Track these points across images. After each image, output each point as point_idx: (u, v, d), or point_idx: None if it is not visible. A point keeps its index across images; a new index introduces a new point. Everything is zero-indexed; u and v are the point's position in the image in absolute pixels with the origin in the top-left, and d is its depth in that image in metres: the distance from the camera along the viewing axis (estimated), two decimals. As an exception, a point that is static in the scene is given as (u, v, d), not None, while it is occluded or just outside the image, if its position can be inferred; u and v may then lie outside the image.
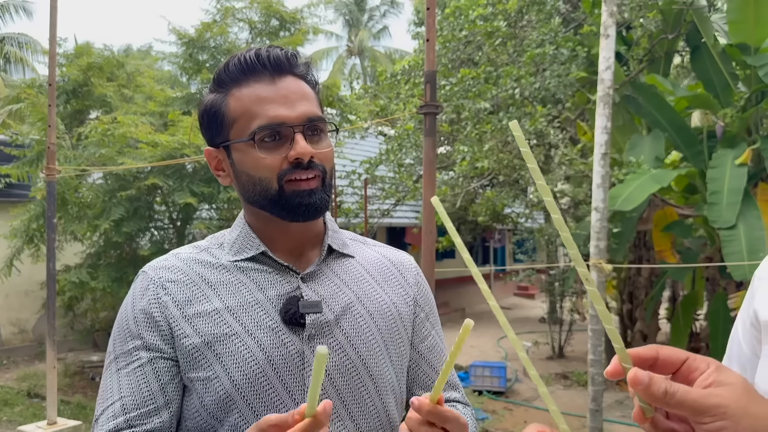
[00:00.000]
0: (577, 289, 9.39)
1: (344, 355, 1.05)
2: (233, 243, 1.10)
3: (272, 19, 8.37)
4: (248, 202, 1.08)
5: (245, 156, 1.03)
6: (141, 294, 1.05)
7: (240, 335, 1.00)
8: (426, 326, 1.19)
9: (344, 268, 1.13)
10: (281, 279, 1.06)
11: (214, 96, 1.07)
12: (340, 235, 1.17)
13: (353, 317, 1.07)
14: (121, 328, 1.05)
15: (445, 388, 1.18)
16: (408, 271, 1.21)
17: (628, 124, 7.91)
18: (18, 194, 8.95)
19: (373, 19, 28.86)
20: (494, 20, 7.82)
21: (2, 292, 8.62)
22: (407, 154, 8.54)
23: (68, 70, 8.21)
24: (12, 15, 22.65)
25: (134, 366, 1.00)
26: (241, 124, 1.03)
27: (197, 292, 1.04)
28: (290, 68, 1.06)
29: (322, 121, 1.05)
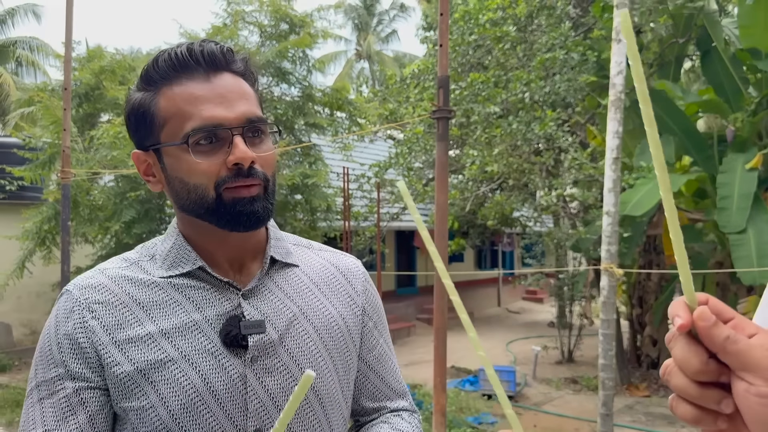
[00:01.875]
0: (586, 294, 9.38)
1: (289, 375, 0.98)
2: (166, 256, 1.00)
3: (282, 22, 8.41)
4: (182, 210, 0.98)
5: (178, 161, 0.94)
6: (65, 317, 0.95)
7: (176, 361, 0.93)
8: (374, 335, 1.13)
9: (288, 279, 1.05)
10: (220, 297, 0.98)
11: (142, 95, 0.97)
12: (283, 243, 1.09)
13: (298, 334, 1.01)
14: (44, 353, 0.95)
15: (391, 397, 1.14)
16: (355, 278, 1.13)
17: (638, 129, 7.90)
18: (30, 196, 9.02)
19: (382, 23, 28.92)
20: (504, 25, 7.84)
21: (14, 294, 8.69)
22: (416, 158, 8.56)
23: (80, 74, 8.28)
24: (21, 18, 22.85)
25: (59, 396, 0.92)
26: (173, 125, 0.93)
27: (128, 315, 0.95)
28: (227, 65, 0.96)
29: (263, 122, 0.96)
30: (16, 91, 18.87)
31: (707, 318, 0.56)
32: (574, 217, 8.40)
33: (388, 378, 1.15)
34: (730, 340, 0.55)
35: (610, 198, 4.34)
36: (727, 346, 0.55)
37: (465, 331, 0.63)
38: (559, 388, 8.18)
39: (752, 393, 0.54)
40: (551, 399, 7.62)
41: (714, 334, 0.56)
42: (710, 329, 0.56)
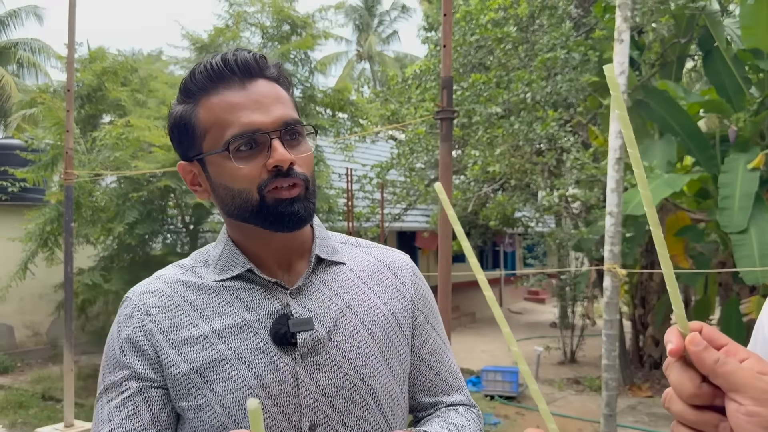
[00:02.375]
0: (589, 294, 9.37)
1: (339, 371, 1.00)
2: (217, 261, 1.05)
3: (284, 23, 8.42)
4: (229, 216, 1.02)
5: (221, 168, 0.97)
6: (126, 322, 1.01)
7: (230, 360, 0.97)
8: (426, 329, 1.14)
9: (334, 277, 1.07)
10: (269, 296, 1.02)
11: (182, 107, 1.01)
12: (329, 242, 1.11)
13: (346, 330, 1.03)
14: (109, 357, 1.01)
15: (447, 391, 1.15)
16: (403, 272, 1.14)
17: (640, 129, 7.89)
18: (33, 198, 9.03)
19: (383, 24, 28.92)
20: (505, 25, 7.84)
21: (17, 295, 8.69)
22: (418, 159, 8.57)
23: (82, 75, 8.29)
24: (23, 20, 22.87)
25: (124, 397, 0.97)
26: (214, 134, 0.97)
27: (183, 318, 1.00)
28: (260, 71, 0.99)
29: (299, 125, 0.99)
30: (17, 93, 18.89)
31: (698, 343, 0.60)
32: (576, 218, 8.40)
33: (442, 372, 1.15)
34: (719, 362, 0.59)
35: (613, 198, 4.33)
36: (716, 369, 0.58)
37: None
38: (561, 389, 8.18)
39: (741, 413, 0.57)
40: (554, 399, 7.61)
41: (704, 358, 0.59)
42: (701, 353, 0.59)
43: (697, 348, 0.60)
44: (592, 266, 8.28)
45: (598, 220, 7.03)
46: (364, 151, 10.71)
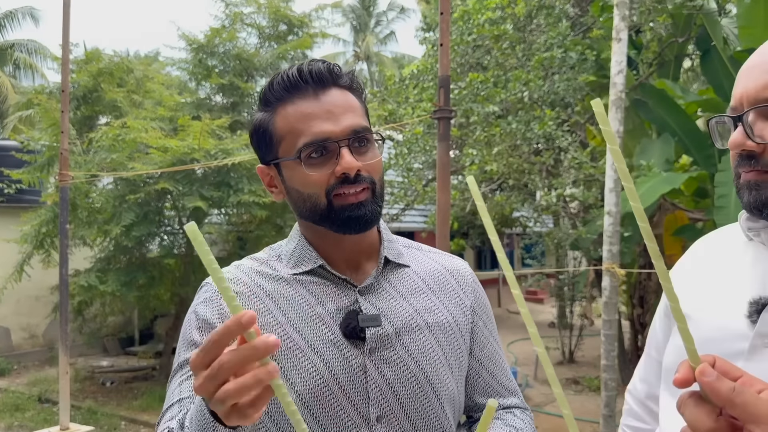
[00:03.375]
0: (587, 294, 9.36)
1: (405, 367, 1.05)
2: (291, 255, 1.11)
3: (280, 23, 8.41)
4: (301, 216, 1.10)
5: (294, 173, 1.04)
6: (204, 304, 1.06)
7: (303, 349, 1.02)
8: (484, 334, 1.20)
9: (401, 279, 1.13)
10: (339, 292, 1.08)
11: (261, 115, 1.08)
12: (395, 244, 1.18)
13: (412, 330, 1.08)
14: (185, 337, 1.06)
15: (503, 394, 1.20)
16: (464, 279, 1.21)
17: (638, 128, 7.88)
18: (29, 199, 9.00)
19: (381, 24, 28.92)
20: (502, 24, 7.82)
21: (13, 297, 8.66)
22: (416, 159, 8.54)
23: (78, 77, 8.26)
24: (20, 21, 22.83)
25: None
26: (288, 142, 1.04)
27: (260, 305, 1.06)
28: (333, 81, 1.05)
29: (368, 132, 1.06)
30: (14, 94, 18.85)
31: (709, 373, 0.58)
32: (574, 217, 8.38)
33: (499, 375, 1.20)
34: (735, 391, 0.57)
35: (611, 198, 4.32)
36: (733, 398, 0.57)
37: None
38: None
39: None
40: (553, 400, 7.60)
41: (719, 388, 0.57)
42: (714, 384, 0.58)
43: (709, 378, 0.58)
44: (591, 266, 8.27)
45: (596, 220, 7.02)
46: (361, 152, 10.67)
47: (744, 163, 0.89)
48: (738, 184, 0.91)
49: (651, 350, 1.12)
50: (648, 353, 1.14)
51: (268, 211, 7.22)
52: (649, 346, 1.12)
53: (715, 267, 0.98)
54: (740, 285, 0.92)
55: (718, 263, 0.98)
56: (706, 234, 1.07)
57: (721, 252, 1.00)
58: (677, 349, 0.95)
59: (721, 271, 0.97)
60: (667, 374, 0.97)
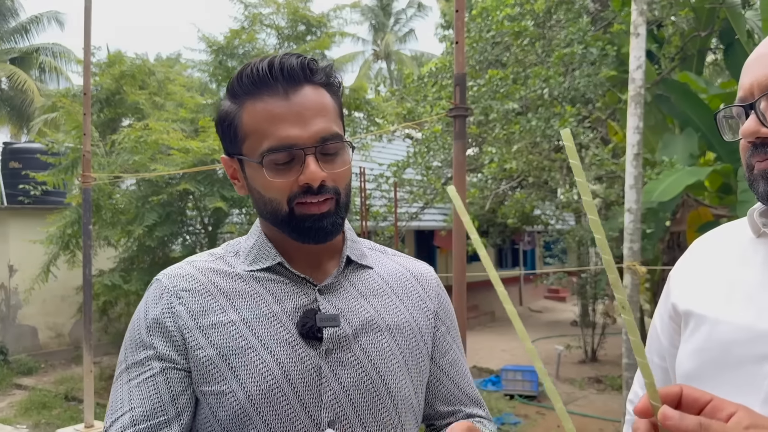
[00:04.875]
0: (609, 292, 9.27)
1: (362, 370, 1.01)
2: (249, 252, 1.07)
3: (299, 24, 8.44)
4: (261, 216, 1.06)
5: (256, 175, 1.00)
6: (154, 303, 1.02)
7: (256, 349, 0.97)
8: (447, 340, 1.15)
9: (363, 280, 1.09)
10: (298, 291, 1.03)
11: (228, 106, 1.03)
12: (359, 245, 1.13)
13: (371, 332, 1.04)
14: (133, 337, 1.01)
15: (465, 402, 1.16)
16: (428, 283, 1.17)
17: (660, 124, 7.78)
18: (54, 201, 9.15)
19: (399, 23, 28.88)
20: (522, 20, 7.77)
21: (39, 297, 8.82)
22: (435, 157, 8.53)
23: (101, 79, 8.38)
24: (45, 26, 23.21)
25: (146, 376, 0.97)
26: (253, 141, 0.99)
27: (213, 303, 1.01)
28: (306, 78, 0.99)
29: (337, 139, 0.99)
30: (39, 97, 19.19)
31: (670, 416, 0.58)
32: (596, 215, 8.29)
33: (462, 383, 1.16)
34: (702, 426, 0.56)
35: (631, 195, 4.27)
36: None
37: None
38: (582, 388, 8.10)
39: None
40: (575, 399, 7.54)
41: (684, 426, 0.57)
42: (679, 424, 0.57)
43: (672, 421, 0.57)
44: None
45: (618, 217, 6.94)
46: (380, 150, 10.69)
47: (758, 152, 0.87)
48: (751, 176, 0.89)
49: (653, 356, 1.08)
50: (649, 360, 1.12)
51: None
52: (650, 352, 1.09)
53: (723, 265, 0.96)
54: (758, 284, 0.89)
55: (726, 261, 0.96)
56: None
57: (728, 250, 0.97)
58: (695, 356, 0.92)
59: (731, 269, 0.94)
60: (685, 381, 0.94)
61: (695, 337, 0.93)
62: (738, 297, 0.90)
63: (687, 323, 0.96)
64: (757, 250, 0.92)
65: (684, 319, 0.97)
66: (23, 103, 20.39)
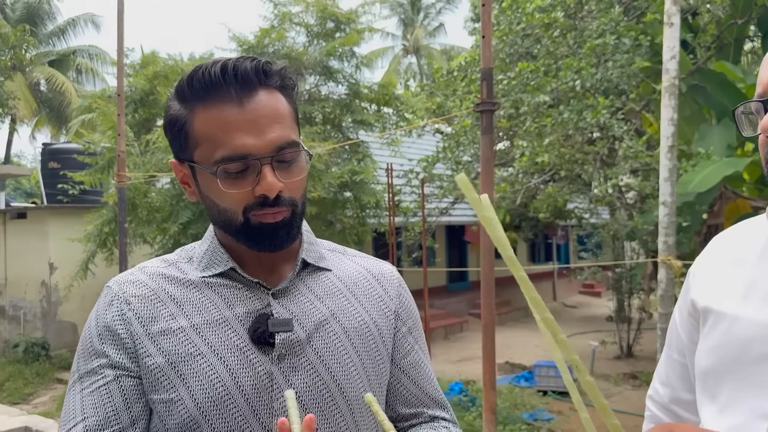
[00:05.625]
0: (645, 286, 9.10)
1: (315, 375, 0.99)
2: (201, 258, 1.04)
3: (328, 21, 8.46)
4: (214, 224, 1.04)
5: (209, 184, 0.96)
6: (105, 310, 1.00)
7: (205, 355, 0.95)
8: (408, 340, 1.13)
9: (319, 282, 1.07)
10: (251, 296, 1.01)
11: (178, 109, 0.98)
12: (317, 248, 1.11)
13: (327, 335, 1.02)
14: (85, 345, 0.99)
15: (428, 404, 1.13)
16: (389, 283, 1.14)
17: (696, 114, 7.60)
18: (91, 200, 9.37)
19: (429, 17, 28.76)
20: (552, 11, 7.67)
21: (78, 294, 9.03)
22: (465, 152, 8.48)
23: (135, 80, 8.53)
24: (81, 28, 23.75)
25: (98, 384, 0.95)
26: (205, 149, 0.95)
27: (162, 309, 0.99)
28: (260, 82, 0.95)
29: (293, 147, 0.96)
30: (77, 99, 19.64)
31: None
32: (630, 208, 8.16)
33: (424, 385, 1.13)
34: None
35: (666, 187, 4.19)
36: None
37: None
38: (618, 384, 7.99)
39: None
40: (610, 395, 7.44)
41: None
42: None
43: None
44: (648, 257, 8.04)
45: (653, 210, 6.81)
46: (410, 146, 10.67)
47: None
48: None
49: (672, 353, 1.08)
50: (669, 355, 1.10)
51: (318, 208, 7.30)
52: (670, 347, 1.09)
53: (742, 262, 0.95)
54: None
55: (745, 258, 0.95)
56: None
57: (747, 246, 0.96)
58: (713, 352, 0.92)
59: (750, 266, 0.93)
60: (703, 378, 0.94)
61: (713, 334, 0.93)
62: (757, 294, 0.89)
63: (705, 320, 0.96)
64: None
65: (702, 316, 0.97)
66: (61, 105, 20.92)
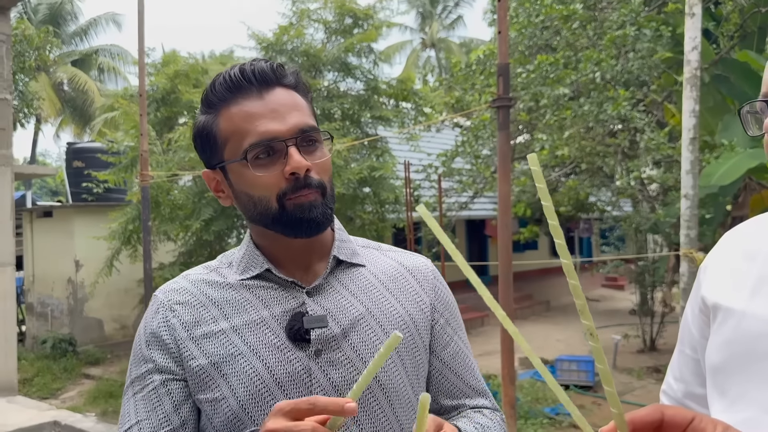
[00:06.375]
0: (668, 280, 9.01)
1: (353, 369, 1.02)
2: (239, 262, 1.10)
3: (346, 17, 8.47)
4: (251, 221, 1.08)
5: (242, 176, 1.02)
6: (151, 318, 1.06)
7: (245, 355, 1.00)
8: (447, 332, 1.15)
9: (353, 279, 1.10)
10: (287, 295, 1.05)
11: (204, 118, 1.05)
12: (350, 244, 1.14)
13: (362, 330, 1.05)
14: (135, 352, 1.06)
15: (470, 395, 1.15)
16: (423, 276, 1.16)
17: (720, 105, 7.49)
18: (116, 198, 9.52)
19: (447, 10, 28.63)
20: (571, 3, 7.60)
21: (104, 291, 9.19)
22: (484, 145, 8.45)
23: (157, 79, 8.62)
24: (103, 27, 24.03)
25: (148, 389, 1.02)
26: (233, 143, 1.01)
27: (205, 314, 1.04)
28: (277, 80, 1.02)
29: (315, 131, 1.02)
30: (100, 98, 19.90)
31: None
32: (653, 200, 8.08)
33: (465, 375, 1.15)
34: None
35: (688, 180, 4.14)
36: None
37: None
38: (641, 378, 7.92)
39: None
40: (632, 389, 7.38)
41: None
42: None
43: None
44: (671, 250, 7.95)
45: (676, 202, 6.74)
46: (429, 140, 10.65)
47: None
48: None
49: (685, 348, 1.08)
50: (681, 350, 1.10)
51: (337, 204, 7.34)
52: (682, 343, 1.09)
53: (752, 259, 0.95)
54: None
55: (755, 254, 0.95)
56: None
57: (757, 243, 0.96)
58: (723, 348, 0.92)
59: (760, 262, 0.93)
60: (713, 373, 0.94)
61: (723, 330, 0.93)
62: (765, 289, 0.89)
63: (715, 316, 0.96)
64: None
65: (713, 312, 0.97)
66: (84, 104, 21.22)
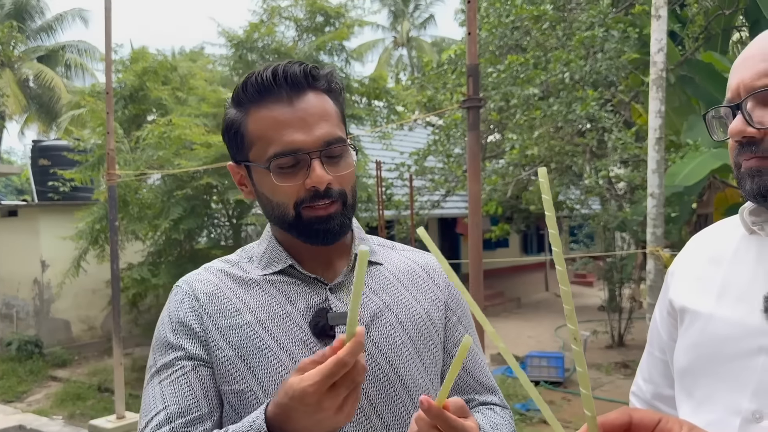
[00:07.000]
0: (636, 277, 9.17)
1: (374, 362, 1.04)
2: (261, 257, 1.11)
3: (317, 15, 8.44)
4: (270, 220, 1.11)
5: (263, 180, 1.04)
6: (177, 306, 1.07)
7: (272, 349, 1.02)
8: (459, 329, 1.18)
9: (372, 276, 1.12)
10: (310, 291, 1.07)
11: (234, 114, 1.07)
12: (368, 243, 1.17)
13: (382, 325, 1.07)
14: (161, 341, 1.06)
15: (479, 391, 1.18)
16: (438, 274, 1.19)
17: (685, 105, 7.65)
18: (83, 197, 9.33)
19: (419, 9, 28.70)
20: (541, 4, 7.69)
21: (71, 291, 9.02)
22: (456, 144, 8.50)
23: (125, 76, 8.48)
24: (69, 23, 23.51)
25: (177, 375, 1.01)
26: (259, 148, 1.03)
27: (229, 306, 1.05)
28: (309, 84, 1.03)
29: (341, 143, 1.03)
30: (66, 94, 19.50)
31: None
32: (620, 199, 8.21)
33: (475, 372, 1.18)
34: None
35: (654, 179, 4.22)
36: None
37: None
38: (609, 373, 8.05)
39: None
40: (601, 384, 7.50)
41: None
42: None
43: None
44: (639, 248, 8.10)
45: (643, 201, 6.86)
46: (402, 139, 10.68)
47: (744, 151, 0.90)
48: (739, 174, 0.92)
49: (654, 350, 1.10)
50: (650, 352, 1.12)
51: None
52: (652, 345, 1.11)
53: (717, 262, 0.97)
54: (750, 280, 0.91)
55: (720, 258, 0.97)
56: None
57: (722, 247, 0.99)
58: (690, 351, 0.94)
59: (725, 266, 0.95)
60: (681, 375, 0.96)
61: (690, 333, 0.95)
62: (730, 293, 0.92)
63: (683, 319, 0.98)
64: (749, 247, 0.94)
65: (680, 315, 0.99)
66: (51, 101, 20.76)
